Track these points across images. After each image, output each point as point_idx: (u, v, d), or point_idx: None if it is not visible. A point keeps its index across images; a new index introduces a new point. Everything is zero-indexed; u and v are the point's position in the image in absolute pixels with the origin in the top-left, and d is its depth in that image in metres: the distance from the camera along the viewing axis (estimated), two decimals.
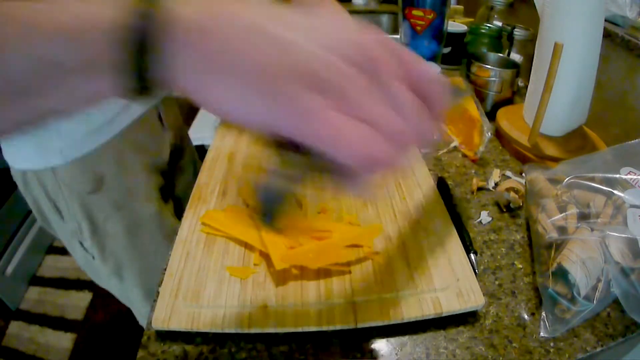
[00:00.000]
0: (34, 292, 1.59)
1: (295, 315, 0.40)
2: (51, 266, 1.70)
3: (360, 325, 0.39)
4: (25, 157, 0.55)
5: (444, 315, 0.40)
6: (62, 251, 1.76)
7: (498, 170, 0.62)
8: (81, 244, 0.62)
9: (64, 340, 1.41)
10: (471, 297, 0.40)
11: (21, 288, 1.58)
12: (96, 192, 0.58)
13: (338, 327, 0.39)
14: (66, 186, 0.56)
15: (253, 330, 0.39)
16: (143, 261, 0.66)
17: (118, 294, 0.72)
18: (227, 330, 0.39)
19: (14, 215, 1.55)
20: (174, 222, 0.68)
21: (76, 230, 0.60)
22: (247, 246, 0.48)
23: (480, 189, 0.60)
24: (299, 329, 0.39)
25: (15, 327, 1.46)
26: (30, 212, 1.61)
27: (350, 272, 0.44)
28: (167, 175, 0.71)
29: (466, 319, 0.41)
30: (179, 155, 0.77)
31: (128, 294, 0.70)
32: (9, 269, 1.50)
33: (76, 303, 1.54)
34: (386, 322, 0.39)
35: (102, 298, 1.56)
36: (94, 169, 0.57)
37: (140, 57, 0.19)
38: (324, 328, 0.39)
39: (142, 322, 0.75)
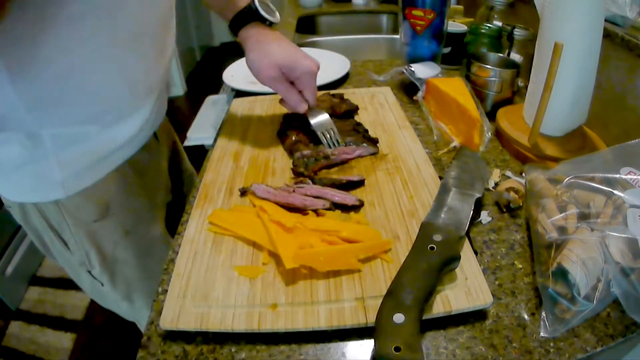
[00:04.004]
0: (34, 292, 1.59)
1: (305, 315, 0.40)
2: (51, 266, 1.70)
3: (371, 324, 0.39)
4: (22, 191, 0.51)
5: (453, 313, 0.40)
6: None
7: (498, 170, 0.62)
8: (89, 272, 0.61)
9: (64, 340, 1.41)
10: (480, 296, 0.40)
11: (21, 288, 1.58)
12: (102, 220, 0.56)
13: (348, 326, 0.39)
14: (71, 216, 0.54)
15: (263, 330, 0.39)
16: (153, 283, 0.63)
17: (125, 315, 0.71)
18: (236, 330, 0.39)
19: None
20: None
21: (84, 260, 0.59)
22: (256, 245, 0.48)
23: None
24: (309, 329, 0.39)
25: (15, 327, 1.46)
26: None
27: (359, 270, 0.44)
28: (168, 187, 0.71)
29: (466, 318, 0.41)
30: (177, 162, 0.78)
31: (136, 315, 0.69)
32: (9, 269, 1.50)
33: (76, 303, 1.54)
34: None
35: None
36: (99, 197, 0.55)
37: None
38: (335, 327, 0.39)
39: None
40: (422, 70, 0.85)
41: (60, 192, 0.50)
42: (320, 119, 0.65)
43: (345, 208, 0.53)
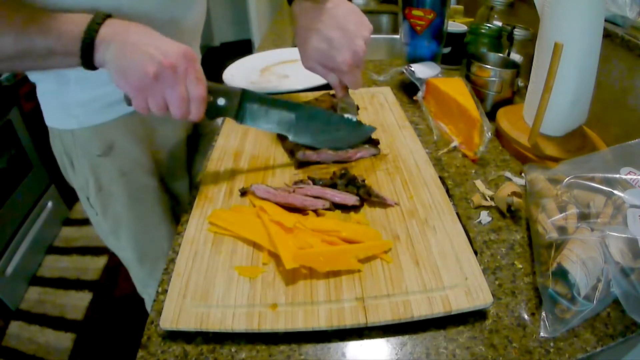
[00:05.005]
0: (34, 292, 1.59)
1: (305, 315, 0.40)
2: (51, 266, 1.70)
3: (371, 324, 0.39)
4: (52, 117, 0.63)
5: (453, 313, 0.40)
6: (62, 251, 1.76)
7: (480, 182, 0.61)
8: (87, 198, 0.68)
9: (64, 340, 1.41)
10: (480, 296, 0.40)
11: (21, 288, 1.58)
12: (105, 156, 0.64)
13: (348, 325, 0.39)
14: (80, 146, 0.63)
15: (263, 330, 0.39)
16: (140, 227, 0.70)
17: (117, 253, 0.77)
18: (236, 330, 0.39)
19: (14, 215, 1.55)
20: (172, 202, 0.75)
21: (84, 185, 0.67)
22: (256, 245, 0.48)
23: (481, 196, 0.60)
24: (309, 329, 0.39)
25: (15, 327, 1.46)
26: (30, 211, 1.62)
27: (359, 270, 0.44)
28: (181, 154, 0.76)
29: (466, 318, 0.41)
30: (198, 139, 0.81)
31: (124, 254, 0.75)
32: (9, 269, 1.49)
33: (76, 303, 1.54)
34: (396, 321, 0.39)
35: (102, 298, 1.56)
36: (106, 136, 0.63)
37: (87, 52, 0.44)
38: (334, 327, 0.39)
39: (139, 287, 0.81)
40: (422, 70, 0.85)
41: (75, 123, 0.61)
42: (345, 114, 0.62)
43: (345, 208, 0.53)
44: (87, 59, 0.44)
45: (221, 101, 0.51)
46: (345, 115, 0.61)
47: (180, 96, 0.45)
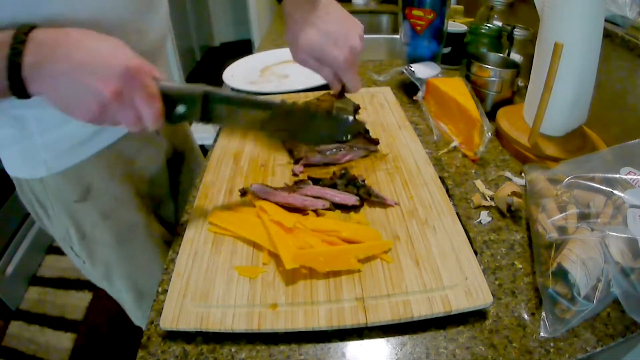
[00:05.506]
0: (34, 292, 1.59)
1: (305, 315, 0.40)
2: (51, 266, 1.70)
3: (371, 324, 0.39)
4: (14, 166, 0.56)
5: (453, 313, 0.40)
6: (62, 251, 1.76)
7: (480, 182, 0.61)
8: (71, 248, 0.63)
9: (64, 340, 1.41)
10: (480, 295, 0.41)
11: (21, 288, 1.58)
12: (83, 201, 0.57)
13: (348, 325, 0.39)
14: (53, 194, 0.56)
15: (263, 330, 0.39)
16: (133, 268, 0.65)
17: (112, 296, 0.72)
18: (236, 330, 0.39)
19: (14, 215, 1.55)
20: (164, 231, 0.69)
21: (64, 235, 0.61)
22: (256, 245, 0.48)
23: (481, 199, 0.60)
24: (309, 329, 0.39)
25: (15, 327, 1.46)
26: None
27: (359, 270, 0.44)
28: (163, 180, 0.71)
29: (466, 318, 0.41)
30: (180, 159, 0.78)
31: (119, 295, 0.70)
32: (9, 269, 1.50)
33: (76, 303, 1.54)
34: (396, 321, 0.39)
35: (102, 298, 1.56)
36: (80, 179, 0.56)
37: (17, 87, 0.36)
38: (334, 327, 0.39)
39: (136, 322, 0.76)
40: (422, 70, 0.85)
41: (43, 170, 0.54)
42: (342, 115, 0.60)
43: (345, 208, 0.53)
44: (22, 94, 0.37)
45: (181, 108, 0.44)
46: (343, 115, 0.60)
47: (131, 118, 0.40)
